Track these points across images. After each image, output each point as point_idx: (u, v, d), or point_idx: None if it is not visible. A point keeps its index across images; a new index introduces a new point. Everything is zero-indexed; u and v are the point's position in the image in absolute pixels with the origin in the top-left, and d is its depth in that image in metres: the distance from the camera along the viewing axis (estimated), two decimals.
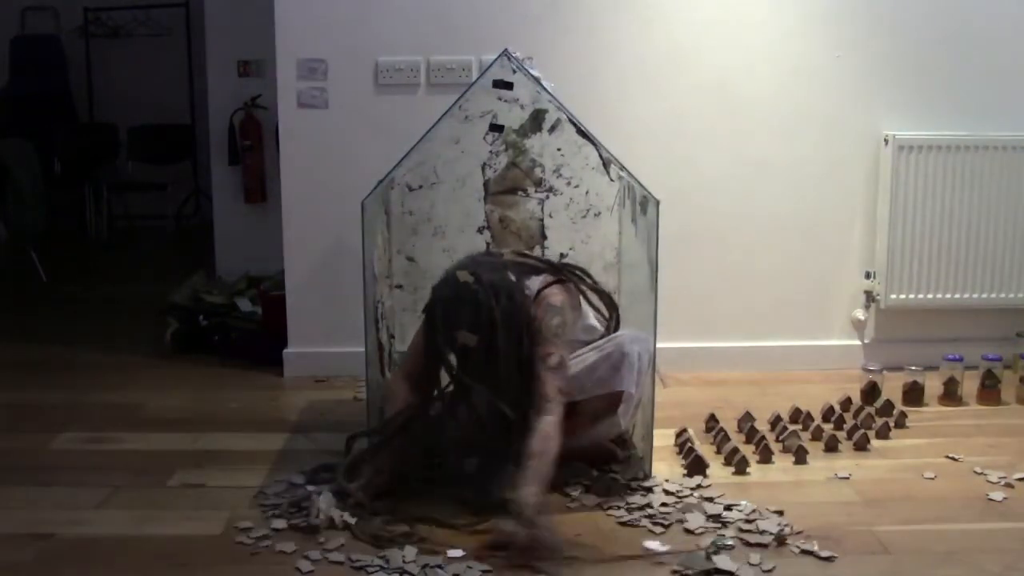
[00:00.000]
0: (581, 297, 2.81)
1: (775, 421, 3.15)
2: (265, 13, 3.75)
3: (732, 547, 2.34)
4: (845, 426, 3.18)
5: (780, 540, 2.37)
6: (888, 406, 3.30)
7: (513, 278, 2.58)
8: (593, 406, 2.65)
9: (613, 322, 2.88)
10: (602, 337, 2.78)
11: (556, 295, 2.65)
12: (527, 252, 2.86)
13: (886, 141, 3.72)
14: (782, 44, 3.70)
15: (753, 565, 2.26)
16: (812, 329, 3.87)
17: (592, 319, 2.83)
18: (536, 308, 2.59)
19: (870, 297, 3.83)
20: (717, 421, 3.16)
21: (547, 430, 2.45)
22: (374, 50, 3.64)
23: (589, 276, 2.94)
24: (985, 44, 3.74)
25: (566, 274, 2.80)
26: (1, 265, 5.89)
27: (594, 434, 2.72)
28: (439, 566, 2.23)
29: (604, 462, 2.79)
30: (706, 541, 2.37)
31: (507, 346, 2.49)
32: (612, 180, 3.17)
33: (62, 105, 7.82)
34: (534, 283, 2.66)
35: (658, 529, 2.45)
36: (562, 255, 3.27)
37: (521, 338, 2.52)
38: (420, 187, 3.23)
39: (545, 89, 3.03)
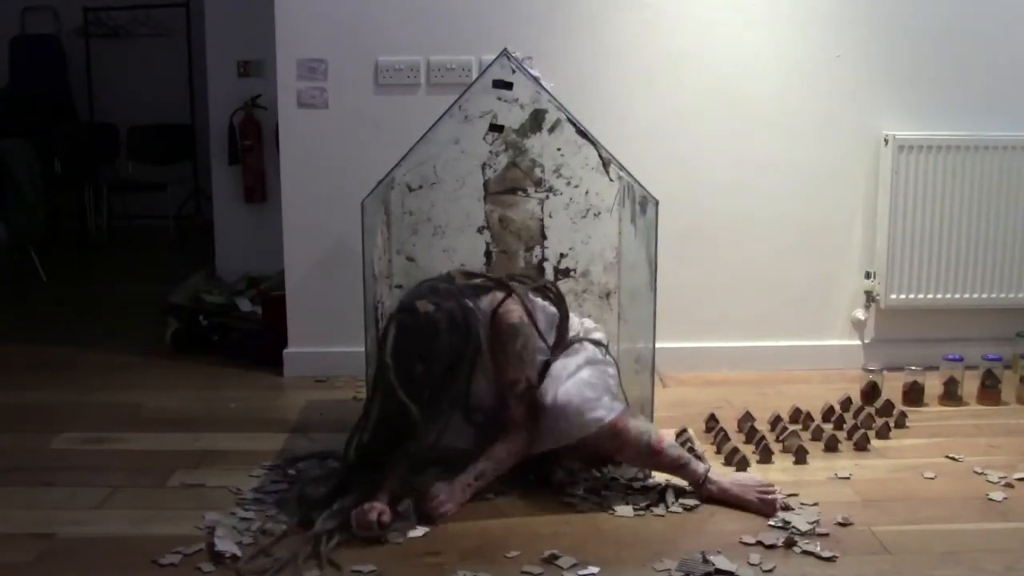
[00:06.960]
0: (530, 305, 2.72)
1: (775, 421, 3.15)
2: (265, 13, 3.76)
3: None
4: (845, 426, 3.18)
5: (788, 543, 2.36)
6: (888, 406, 3.30)
7: (470, 304, 2.57)
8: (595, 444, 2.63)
9: (562, 312, 2.80)
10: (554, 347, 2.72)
11: (512, 313, 2.61)
12: (471, 271, 2.83)
13: (886, 141, 3.72)
14: (782, 44, 3.70)
15: (753, 565, 2.26)
16: (812, 329, 3.87)
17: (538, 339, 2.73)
18: (495, 330, 2.59)
19: (870, 297, 3.83)
20: (717, 421, 3.16)
21: (500, 455, 2.60)
22: (374, 50, 3.64)
23: (529, 278, 2.90)
24: (985, 44, 3.74)
25: (511, 286, 2.71)
26: (1, 265, 5.89)
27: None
28: None
29: (604, 462, 2.78)
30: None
31: (457, 375, 2.55)
32: (612, 180, 3.16)
33: (62, 105, 7.80)
34: (484, 303, 2.63)
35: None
36: (562, 255, 3.27)
37: (472, 368, 2.58)
38: (420, 187, 3.23)
39: (545, 89, 3.04)
